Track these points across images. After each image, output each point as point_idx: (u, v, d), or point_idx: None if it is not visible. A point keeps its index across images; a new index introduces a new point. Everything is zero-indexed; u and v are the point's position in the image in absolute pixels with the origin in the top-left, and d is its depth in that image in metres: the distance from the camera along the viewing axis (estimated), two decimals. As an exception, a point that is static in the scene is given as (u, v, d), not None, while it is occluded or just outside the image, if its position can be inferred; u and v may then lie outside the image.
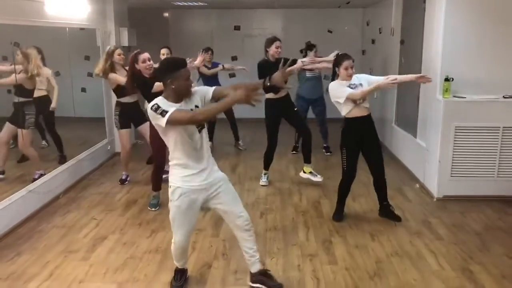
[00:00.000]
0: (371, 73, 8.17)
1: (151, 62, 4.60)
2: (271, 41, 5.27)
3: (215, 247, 3.87)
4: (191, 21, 9.51)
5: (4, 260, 3.63)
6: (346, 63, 4.08)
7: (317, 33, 9.23)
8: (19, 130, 4.76)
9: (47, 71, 5.35)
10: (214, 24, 9.47)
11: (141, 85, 4.56)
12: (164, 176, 5.11)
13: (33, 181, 4.74)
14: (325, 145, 7.04)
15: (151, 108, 2.76)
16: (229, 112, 7.09)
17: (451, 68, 4.80)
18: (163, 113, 2.70)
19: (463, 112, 4.77)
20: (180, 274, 3.31)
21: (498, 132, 4.77)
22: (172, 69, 2.79)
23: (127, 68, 5.03)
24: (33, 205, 4.54)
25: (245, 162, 6.51)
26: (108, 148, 6.60)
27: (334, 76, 4.28)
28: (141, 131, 5.47)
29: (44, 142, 5.94)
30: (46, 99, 5.39)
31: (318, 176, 5.46)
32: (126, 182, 5.52)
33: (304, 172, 5.53)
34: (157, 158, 4.73)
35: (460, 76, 4.78)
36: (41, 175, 4.88)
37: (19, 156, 5.26)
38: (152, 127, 4.74)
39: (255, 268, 3.23)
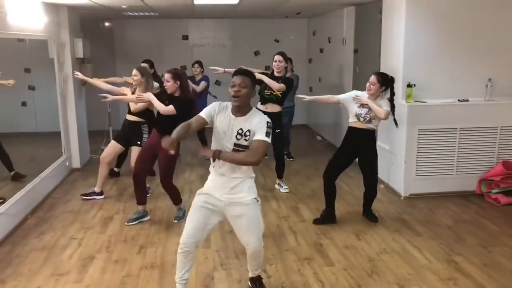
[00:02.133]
0: (320, 81, 8.57)
1: (170, 83, 4.43)
2: (274, 55, 5.35)
3: (211, 259, 3.86)
4: (137, 31, 9.32)
5: (-11, 289, 3.39)
6: (370, 77, 4.38)
7: (264, 43, 9.47)
8: None
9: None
10: (161, 34, 9.35)
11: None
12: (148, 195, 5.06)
13: None
14: (285, 152, 7.19)
15: (267, 123, 2.95)
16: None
17: (412, 75, 5.16)
18: (268, 134, 2.94)
19: (425, 115, 5.15)
20: None
21: (456, 133, 5.19)
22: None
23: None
24: (3, 229, 4.24)
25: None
26: (67, 164, 6.30)
27: None
28: (132, 150, 5.30)
29: None
30: None
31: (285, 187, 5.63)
32: (88, 198, 5.35)
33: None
34: (135, 168, 4.63)
35: (420, 82, 5.15)
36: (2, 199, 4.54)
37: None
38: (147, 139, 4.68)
39: (252, 274, 3.37)
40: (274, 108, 5.40)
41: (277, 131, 5.43)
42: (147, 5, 6.18)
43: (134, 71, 5.05)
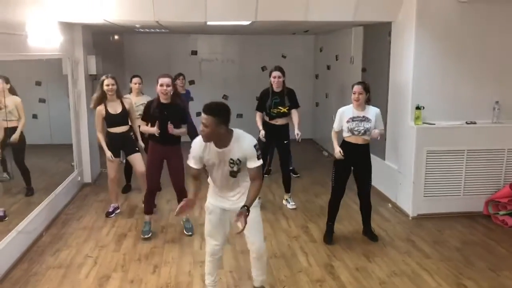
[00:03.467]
0: (326, 97, 8.67)
1: (170, 88, 4.55)
2: (270, 71, 5.49)
3: (225, 280, 3.93)
4: (146, 45, 9.45)
5: (10, 308, 3.47)
6: (354, 88, 4.48)
7: (271, 58, 9.57)
8: None
9: (16, 100, 5.12)
10: (170, 49, 9.48)
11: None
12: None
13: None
14: (291, 167, 7.27)
15: (254, 146, 3.12)
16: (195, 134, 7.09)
17: (420, 97, 5.26)
18: (259, 157, 3.14)
19: (433, 137, 5.24)
20: None
21: (463, 155, 5.28)
22: None
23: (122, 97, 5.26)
24: (21, 246, 4.33)
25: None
26: (79, 179, 6.40)
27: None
28: (131, 161, 5.40)
29: (5, 175, 5.64)
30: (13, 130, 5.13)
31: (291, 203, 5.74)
32: (112, 215, 5.39)
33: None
34: (149, 183, 4.74)
35: (428, 104, 5.25)
36: (5, 212, 4.62)
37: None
38: (149, 153, 4.77)
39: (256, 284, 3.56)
40: (283, 121, 5.58)
41: (285, 142, 5.58)
42: (160, 24, 6.30)
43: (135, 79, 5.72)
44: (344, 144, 4.58)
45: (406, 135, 5.40)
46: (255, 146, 3.08)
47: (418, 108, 5.23)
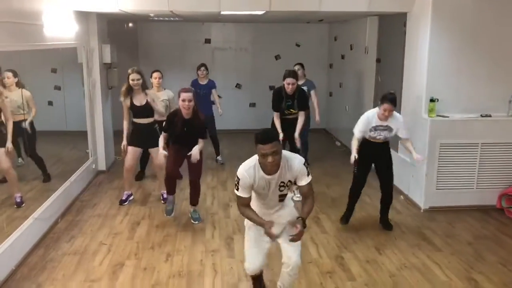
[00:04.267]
0: (340, 87, 8.64)
1: (192, 103, 4.55)
2: (284, 76, 5.44)
3: (236, 269, 3.99)
4: (160, 33, 9.47)
5: (27, 293, 3.57)
6: (385, 105, 4.39)
7: (285, 47, 9.56)
8: None
9: (26, 94, 5.16)
10: (183, 37, 9.48)
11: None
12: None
13: (17, 205, 4.63)
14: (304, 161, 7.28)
15: (304, 164, 3.03)
16: (211, 127, 7.13)
17: (435, 89, 5.22)
18: (236, 187, 3.04)
19: (447, 130, 5.20)
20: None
21: (477, 148, 5.24)
22: (255, 141, 2.88)
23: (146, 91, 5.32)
24: (38, 233, 4.44)
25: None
26: (93, 167, 6.49)
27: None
28: (151, 152, 5.49)
29: (20, 160, 5.73)
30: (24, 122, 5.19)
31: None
32: (126, 203, 5.47)
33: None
34: (168, 170, 4.78)
35: (442, 97, 5.21)
36: (21, 198, 4.74)
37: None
38: (170, 149, 4.80)
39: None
40: (294, 116, 5.60)
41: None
42: (174, 14, 6.31)
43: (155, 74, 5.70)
44: (365, 143, 4.62)
45: (419, 127, 5.36)
46: (304, 164, 3.03)
47: (432, 100, 5.19)
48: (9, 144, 4.59)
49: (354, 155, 4.52)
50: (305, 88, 6.71)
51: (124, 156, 5.41)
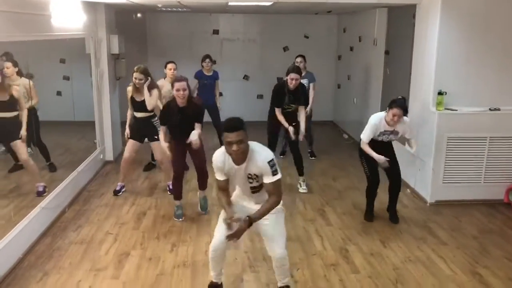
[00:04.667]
0: (349, 79, 8.59)
1: (186, 91, 4.53)
2: (288, 71, 5.41)
3: (240, 260, 4.01)
4: (168, 24, 9.47)
5: (34, 280, 3.61)
6: (395, 110, 4.38)
7: (293, 38, 9.51)
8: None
9: (24, 82, 5.18)
10: (191, 27, 9.46)
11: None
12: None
13: (38, 195, 4.69)
14: (309, 150, 7.29)
15: (269, 163, 2.99)
16: (215, 117, 7.13)
17: (443, 82, 5.16)
18: (275, 172, 3.00)
19: (455, 123, 5.16)
20: None
21: (485, 142, 5.19)
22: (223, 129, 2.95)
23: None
24: (45, 221, 4.50)
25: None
26: (101, 157, 6.54)
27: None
28: (151, 147, 5.56)
29: (29, 149, 5.78)
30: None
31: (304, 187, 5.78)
32: (120, 194, 5.52)
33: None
34: (175, 168, 4.81)
35: (450, 90, 5.16)
36: (45, 188, 4.82)
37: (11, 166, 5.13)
38: (173, 144, 4.81)
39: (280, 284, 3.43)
40: (294, 109, 5.59)
41: (293, 124, 5.55)
42: (182, 4, 6.30)
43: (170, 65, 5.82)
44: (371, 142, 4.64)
45: (427, 120, 5.33)
46: (269, 162, 2.97)
47: (440, 93, 5.14)
48: (23, 132, 4.65)
49: (379, 157, 4.51)
50: (306, 80, 6.73)
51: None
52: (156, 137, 5.35)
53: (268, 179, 3.00)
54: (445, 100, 5.18)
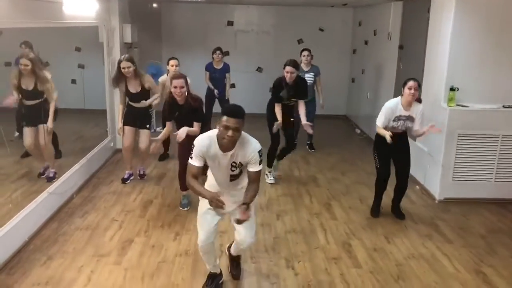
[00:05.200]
0: (363, 73, 8.50)
1: (183, 89, 4.47)
2: (284, 64, 5.39)
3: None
4: (183, 15, 9.48)
5: (38, 264, 3.68)
6: (410, 83, 4.34)
7: (308, 31, 9.43)
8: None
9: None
10: (206, 19, 9.46)
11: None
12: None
13: (48, 180, 4.77)
14: (308, 142, 7.25)
15: (258, 152, 2.99)
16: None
17: (455, 78, 5.07)
18: (191, 155, 3.00)
19: (466, 120, 5.07)
20: (212, 279, 3.45)
21: (498, 140, 5.09)
22: (222, 112, 2.91)
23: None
24: (52, 207, 4.57)
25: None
26: (111, 145, 6.60)
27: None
28: (139, 134, 5.59)
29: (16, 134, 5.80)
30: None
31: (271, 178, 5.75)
32: (128, 181, 5.58)
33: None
34: (182, 162, 4.80)
35: (463, 86, 5.06)
36: (55, 174, 4.90)
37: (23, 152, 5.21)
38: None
39: (234, 251, 3.58)
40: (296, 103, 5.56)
41: (291, 119, 5.58)
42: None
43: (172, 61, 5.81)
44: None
45: (438, 116, 5.24)
46: (259, 151, 3.00)
47: (452, 89, 5.05)
48: (50, 125, 4.83)
49: (388, 134, 4.37)
50: (311, 74, 6.71)
51: (123, 136, 5.53)
52: (147, 126, 5.49)
53: (254, 168, 3.03)
54: (457, 97, 5.09)
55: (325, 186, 5.71)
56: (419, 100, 4.51)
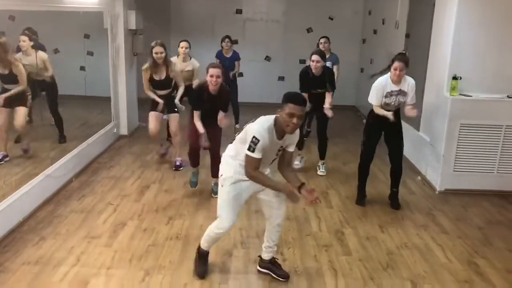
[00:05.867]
0: (371, 63, 8.38)
1: (220, 79, 4.43)
2: (311, 54, 5.24)
3: (233, 236, 4.00)
4: (193, 3, 9.46)
5: (30, 244, 3.73)
6: (395, 64, 4.28)
7: (318, 20, 9.33)
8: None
9: (42, 56, 5.28)
10: (215, 7, 9.42)
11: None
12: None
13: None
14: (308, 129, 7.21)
15: (252, 137, 2.91)
16: (233, 97, 7.11)
17: (458, 67, 4.96)
18: (250, 148, 2.92)
19: (469, 110, 4.96)
20: (206, 257, 3.46)
21: (501, 130, 4.98)
22: (287, 99, 2.90)
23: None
24: (49, 189, 4.62)
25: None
26: (114, 131, 6.65)
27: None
28: (169, 118, 5.60)
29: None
30: (45, 82, 5.33)
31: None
32: (181, 168, 5.58)
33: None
34: (192, 144, 4.81)
35: (466, 75, 4.95)
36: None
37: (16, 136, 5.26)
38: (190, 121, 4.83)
39: (268, 256, 3.43)
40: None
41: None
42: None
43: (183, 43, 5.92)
44: (373, 114, 4.53)
45: (440, 106, 5.15)
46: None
47: (455, 78, 4.95)
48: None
49: (390, 114, 4.35)
50: (329, 62, 6.59)
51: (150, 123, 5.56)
52: (175, 109, 5.47)
53: (291, 148, 3.16)
54: (460, 86, 4.98)
55: (325, 175, 5.66)
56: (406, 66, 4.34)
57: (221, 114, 4.57)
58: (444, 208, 4.78)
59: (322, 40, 6.68)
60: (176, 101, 5.48)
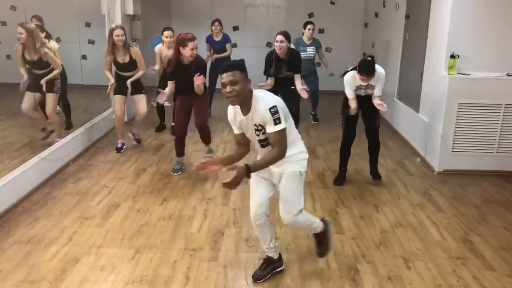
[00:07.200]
0: (373, 47, 8.29)
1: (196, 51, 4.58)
2: (276, 34, 5.23)
3: (226, 216, 4.01)
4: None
5: (23, 225, 3.75)
6: (361, 76, 4.31)
7: (319, 4, 9.24)
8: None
9: (54, 45, 5.34)
10: (216, -9, 9.37)
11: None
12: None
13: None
14: (312, 112, 7.22)
15: (270, 110, 2.63)
16: None
17: (456, 45, 4.88)
18: (277, 121, 2.65)
19: (467, 89, 4.88)
20: (266, 264, 3.20)
21: (500, 109, 4.90)
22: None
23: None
24: (45, 172, 4.64)
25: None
26: (113, 117, 6.63)
27: None
28: (135, 100, 5.63)
29: (58, 108, 5.92)
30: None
31: None
32: (122, 151, 5.63)
33: None
34: (177, 133, 4.94)
35: (465, 53, 4.87)
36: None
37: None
38: (177, 104, 4.84)
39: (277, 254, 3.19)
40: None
41: (292, 88, 5.36)
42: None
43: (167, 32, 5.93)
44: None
45: (438, 85, 5.07)
46: (271, 108, 2.62)
47: (452, 56, 4.86)
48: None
49: (354, 107, 4.45)
50: (312, 47, 6.67)
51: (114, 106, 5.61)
52: (142, 90, 5.57)
53: (270, 129, 2.67)
54: (458, 65, 4.90)
55: (322, 158, 5.63)
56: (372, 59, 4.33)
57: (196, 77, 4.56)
58: (441, 188, 4.73)
59: (310, 26, 6.75)
60: (128, 82, 5.43)
